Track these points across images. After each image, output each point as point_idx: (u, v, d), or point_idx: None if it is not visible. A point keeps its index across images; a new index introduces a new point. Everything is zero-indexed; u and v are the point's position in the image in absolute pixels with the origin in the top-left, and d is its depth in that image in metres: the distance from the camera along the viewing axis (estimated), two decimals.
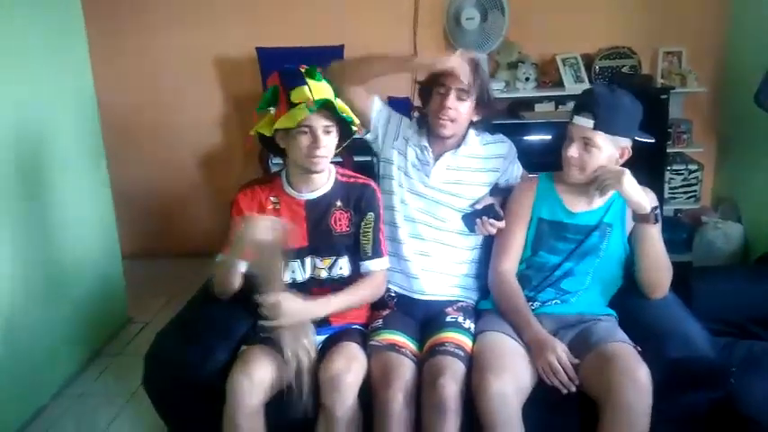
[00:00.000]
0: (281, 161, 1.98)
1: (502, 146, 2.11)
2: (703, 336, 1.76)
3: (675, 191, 3.56)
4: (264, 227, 1.68)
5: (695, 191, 3.58)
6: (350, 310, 1.92)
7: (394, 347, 1.80)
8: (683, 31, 3.54)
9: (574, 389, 1.69)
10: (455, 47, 3.50)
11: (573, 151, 1.83)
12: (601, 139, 1.80)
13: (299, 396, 1.70)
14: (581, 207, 1.92)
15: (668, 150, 3.43)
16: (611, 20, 3.58)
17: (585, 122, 1.80)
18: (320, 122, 1.75)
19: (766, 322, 2.15)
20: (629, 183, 1.77)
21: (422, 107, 2.08)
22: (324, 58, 3.40)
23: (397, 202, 2.05)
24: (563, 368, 1.69)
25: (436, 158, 2.05)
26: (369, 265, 1.92)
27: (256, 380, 1.68)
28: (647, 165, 3.22)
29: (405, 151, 2.07)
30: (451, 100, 1.94)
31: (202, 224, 3.92)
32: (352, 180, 1.94)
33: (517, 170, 2.15)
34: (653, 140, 1.90)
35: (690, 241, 3.51)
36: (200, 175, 3.99)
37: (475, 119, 2.02)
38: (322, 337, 1.89)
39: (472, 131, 2.06)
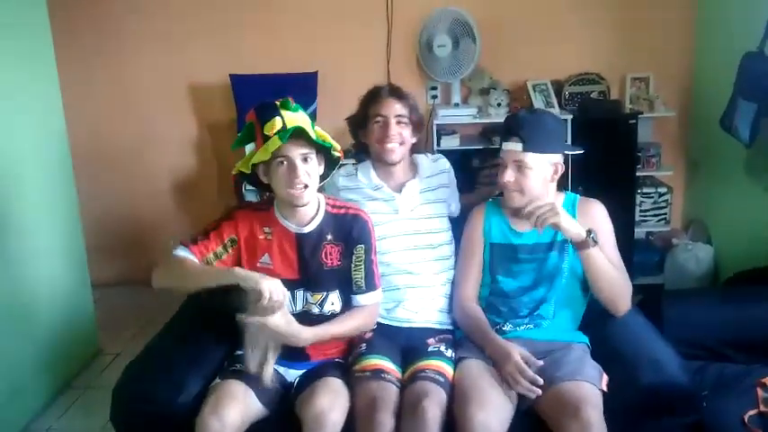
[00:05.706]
0: (255, 189, 1.95)
1: (443, 162, 2.21)
2: (675, 360, 1.77)
3: (646, 214, 3.61)
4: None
5: (665, 213, 3.63)
6: (330, 344, 1.88)
7: (378, 374, 1.77)
8: (650, 58, 3.62)
9: (533, 396, 1.69)
10: (428, 73, 3.55)
11: (508, 176, 1.87)
12: (531, 159, 1.85)
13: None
14: (526, 227, 1.93)
15: (638, 174, 3.49)
16: (580, 47, 3.66)
17: (514, 146, 1.86)
18: (296, 151, 1.72)
19: (737, 344, 2.17)
20: (564, 216, 1.80)
21: (359, 140, 2.14)
22: (298, 85, 3.47)
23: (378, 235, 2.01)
24: (524, 375, 1.70)
25: (398, 190, 2.08)
26: (360, 299, 1.88)
27: (227, 420, 1.62)
28: (618, 188, 3.33)
29: (361, 199, 2.08)
30: (393, 126, 2.02)
31: None
32: (342, 211, 1.89)
33: (453, 192, 2.22)
34: (582, 151, 2.04)
35: (661, 263, 3.56)
36: (173, 201, 3.95)
37: (414, 141, 2.10)
38: (300, 372, 1.87)
39: (417, 155, 2.16)
